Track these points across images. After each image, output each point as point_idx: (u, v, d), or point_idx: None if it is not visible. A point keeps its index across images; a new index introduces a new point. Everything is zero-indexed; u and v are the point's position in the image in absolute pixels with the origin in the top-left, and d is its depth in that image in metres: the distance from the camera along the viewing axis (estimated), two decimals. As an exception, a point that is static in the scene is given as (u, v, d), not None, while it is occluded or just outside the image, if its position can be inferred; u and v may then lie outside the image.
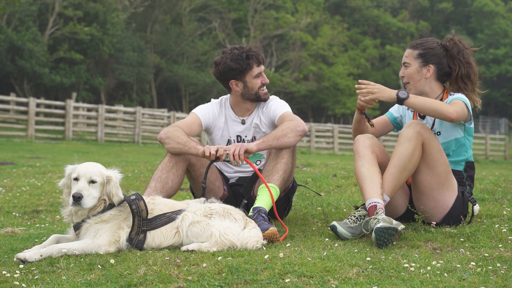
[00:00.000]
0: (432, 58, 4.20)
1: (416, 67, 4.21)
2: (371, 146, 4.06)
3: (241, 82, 4.47)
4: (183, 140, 4.24)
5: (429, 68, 4.20)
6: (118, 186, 3.73)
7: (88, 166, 3.71)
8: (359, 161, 4.02)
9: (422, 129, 3.97)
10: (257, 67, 4.46)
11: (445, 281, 2.91)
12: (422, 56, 4.20)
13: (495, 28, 53.56)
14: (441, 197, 4.05)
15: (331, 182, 7.00)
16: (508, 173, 11.59)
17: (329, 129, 32.23)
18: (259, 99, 4.53)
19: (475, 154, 31.47)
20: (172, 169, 4.25)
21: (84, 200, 3.60)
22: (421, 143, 3.95)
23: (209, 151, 4.08)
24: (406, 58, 4.26)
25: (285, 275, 3.02)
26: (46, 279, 3.05)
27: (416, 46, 4.25)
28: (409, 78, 4.25)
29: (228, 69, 4.44)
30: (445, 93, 4.24)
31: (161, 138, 4.34)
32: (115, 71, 39.24)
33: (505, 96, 54.64)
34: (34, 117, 22.24)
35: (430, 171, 4.01)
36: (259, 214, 4.00)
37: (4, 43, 33.01)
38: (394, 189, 3.97)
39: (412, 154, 3.93)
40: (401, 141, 3.97)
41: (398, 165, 3.94)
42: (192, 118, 4.53)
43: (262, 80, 4.49)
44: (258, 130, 4.58)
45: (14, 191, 6.94)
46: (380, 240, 3.60)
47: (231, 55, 4.44)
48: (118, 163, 10.17)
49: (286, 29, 46.02)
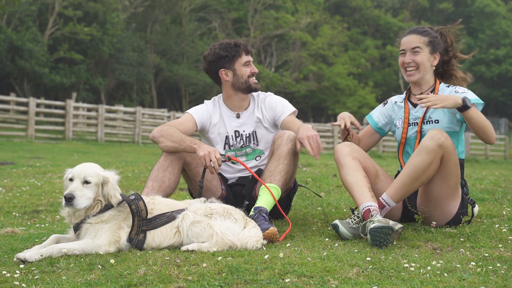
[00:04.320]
0: (438, 47, 4.18)
1: (427, 54, 4.16)
2: (351, 153, 4.04)
3: (230, 70, 4.49)
4: (178, 138, 4.24)
5: (435, 56, 4.18)
6: (116, 188, 3.71)
7: (84, 167, 3.69)
8: (342, 170, 4.01)
9: (446, 141, 3.84)
10: (246, 56, 4.51)
11: (445, 281, 2.91)
12: (431, 44, 4.16)
13: (496, 29, 53.58)
14: (447, 207, 4.04)
15: (331, 182, 7.00)
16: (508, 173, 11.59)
17: (329, 129, 32.24)
18: (250, 88, 4.53)
19: (475, 154, 31.46)
20: (168, 168, 4.25)
21: (76, 200, 3.58)
22: (440, 157, 3.85)
23: (207, 159, 4.08)
24: (418, 43, 4.14)
25: (285, 275, 3.02)
26: (46, 279, 3.05)
27: (424, 32, 4.17)
28: (420, 63, 4.15)
29: (218, 57, 4.48)
30: (437, 82, 4.23)
31: (154, 137, 4.33)
32: (115, 71, 39.23)
33: (505, 96, 54.64)
34: (34, 117, 22.24)
35: (442, 182, 3.95)
36: (260, 214, 4.00)
37: (4, 43, 33.00)
38: (402, 197, 3.95)
39: (428, 166, 3.84)
40: (419, 151, 3.85)
41: (411, 175, 3.87)
42: (185, 118, 4.53)
43: (251, 69, 4.51)
44: (260, 125, 4.57)
45: (14, 191, 6.94)
46: (375, 241, 3.59)
47: (219, 44, 4.54)
48: (118, 163, 10.17)
49: (286, 29, 46.01)
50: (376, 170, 4.17)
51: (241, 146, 4.56)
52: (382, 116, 4.43)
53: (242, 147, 4.56)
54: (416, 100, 4.25)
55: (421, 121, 4.17)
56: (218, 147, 4.56)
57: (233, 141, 4.56)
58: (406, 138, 4.25)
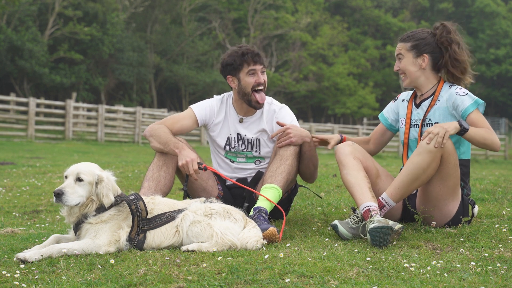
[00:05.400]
0: (425, 48, 4.17)
1: (410, 59, 4.18)
2: (352, 153, 4.04)
3: (236, 78, 4.46)
4: (164, 140, 4.26)
5: (423, 58, 4.16)
6: (109, 188, 3.67)
7: (79, 165, 3.68)
8: (343, 170, 4.01)
9: (446, 142, 3.85)
10: (253, 65, 4.39)
11: (445, 281, 2.91)
12: (415, 47, 4.17)
13: (496, 29, 53.62)
14: (446, 207, 4.05)
15: (331, 182, 7.00)
16: (508, 173, 11.59)
17: (329, 129, 32.26)
18: (250, 104, 4.44)
19: (475, 154, 31.45)
20: (162, 167, 4.27)
21: (65, 197, 3.56)
22: (440, 156, 3.85)
23: (185, 169, 4.13)
24: (400, 50, 4.22)
25: (285, 275, 3.02)
26: (46, 279, 3.05)
27: (407, 38, 4.21)
28: (404, 69, 4.20)
29: (225, 64, 4.47)
30: (440, 83, 4.21)
31: (145, 135, 4.39)
32: (115, 71, 39.24)
33: (505, 96, 54.67)
34: (34, 117, 22.24)
35: (441, 183, 3.95)
36: (259, 214, 3.99)
37: (4, 43, 33.00)
38: (401, 197, 3.94)
39: (428, 166, 3.85)
40: (420, 151, 3.86)
41: (411, 174, 3.87)
42: (186, 113, 4.52)
43: (257, 79, 4.39)
44: (264, 134, 4.53)
45: (14, 191, 6.94)
46: (375, 241, 3.59)
47: (230, 51, 4.49)
48: (118, 163, 10.17)
49: (286, 29, 46.01)
50: (377, 170, 4.17)
51: (242, 150, 4.55)
52: (392, 112, 4.45)
53: (243, 151, 4.55)
54: (418, 101, 4.26)
55: (421, 123, 4.18)
56: (219, 145, 4.56)
57: (234, 143, 4.55)
58: (408, 139, 4.26)
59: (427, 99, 4.20)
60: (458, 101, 4.04)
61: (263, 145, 4.53)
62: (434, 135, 3.81)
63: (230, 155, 4.57)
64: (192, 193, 4.47)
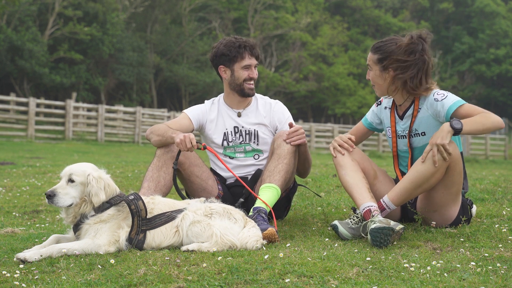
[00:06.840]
0: (390, 63, 3.96)
1: (378, 71, 4.04)
2: (350, 154, 4.04)
3: (229, 69, 4.50)
4: (162, 131, 4.30)
5: (389, 72, 4.00)
6: (100, 187, 3.64)
7: (73, 166, 3.69)
8: (341, 171, 4.01)
9: (454, 152, 3.80)
10: (248, 59, 4.46)
11: (445, 281, 2.91)
12: (380, 62, 4.01)
13: (496, 29, 53.62)
14: (447, 212, 4.04)
15: (331, 182, 7.00)
16: (508, 173, 11.59)
17: (329, 129, 32.24)
18: (243, 92, 4.52)
19: (475, 154, 31.48)
20: (162, 168, 4.27)
21: (56, 198, 3.57)
22: (446, 166, 3.82)
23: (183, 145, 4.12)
24: (368, 61, 4.09)
25: (285, 275, 3.02)
26: (46, 279, 3.05)
27: (375, 50, 4.05)
28: (373, 81, 4.11)
29: (220, 53, 4.49)
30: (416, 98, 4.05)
31: (146, 135, 4.43)
32: (115, 71, 39.24)
33: (505, 96, 54.67)
34: (34, 117, 22.25)
35: (445, 190, 3.94)
36: (259, 214, 3.99)
37: (4, 43, 33.01)
38: (403, 202, 3.94)
39: (433, 175, 3.81)
40: (426, 159, 3.80)
41: (414, 181, 3.84)
42: (181, 116, 4.59)
43: (250, 73, 4.48)
44: (262, 127, 4.57)
45: (14, 191, 6.95)
46: (376, 241, 3.59)
47: (226, 41, 4.51)
48: (118, 163, 10.17)
49: (286, 29, 46.02)
50: (375, 171, 4.16)
51: (240, 143, 4.56)
52: (375, 117, 4.36)
53: (241, 143, 4.56)
54: (401, 112, 4.15)
55: (409, 134, 4.10)
56: (216, 143, 4.57)
57: (232, 137, 4.56)
58: (397, 151, 4.23)
59: (409, 108, 4.09)
60: (438, 107, 3.93)
61: (261, 137, 4.56)
62: (436, 149, 3.73)
63: (229, 151, 4.57)
64: (192, 193, 4.47)
